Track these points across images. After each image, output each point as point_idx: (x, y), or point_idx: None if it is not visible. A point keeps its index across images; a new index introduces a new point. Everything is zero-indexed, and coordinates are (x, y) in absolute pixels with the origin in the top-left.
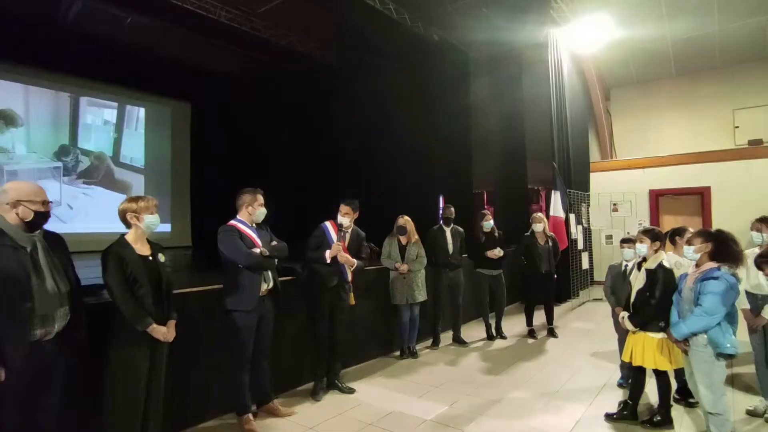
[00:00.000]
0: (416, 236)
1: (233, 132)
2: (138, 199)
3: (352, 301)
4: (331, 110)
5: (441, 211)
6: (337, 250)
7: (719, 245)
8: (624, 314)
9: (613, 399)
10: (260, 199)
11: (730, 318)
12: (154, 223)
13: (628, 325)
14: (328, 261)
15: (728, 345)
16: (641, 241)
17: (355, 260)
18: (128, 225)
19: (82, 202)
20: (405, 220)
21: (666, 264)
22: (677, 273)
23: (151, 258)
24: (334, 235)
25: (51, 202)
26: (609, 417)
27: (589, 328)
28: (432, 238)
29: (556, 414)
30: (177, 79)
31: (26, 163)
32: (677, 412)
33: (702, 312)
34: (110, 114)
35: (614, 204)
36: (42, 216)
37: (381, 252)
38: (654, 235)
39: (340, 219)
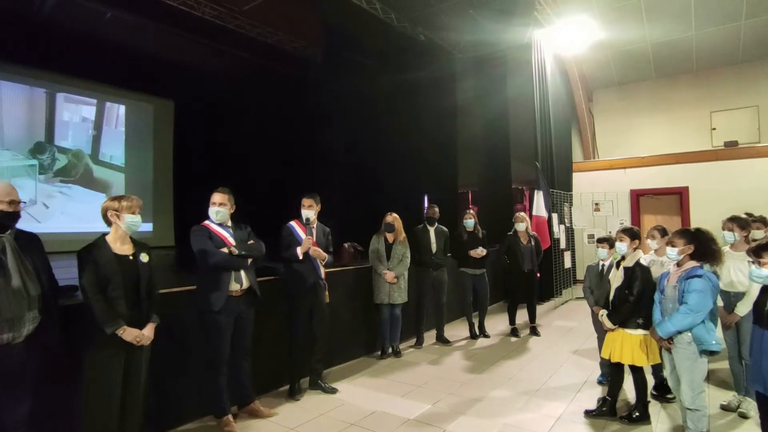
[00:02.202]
0: (403, 235)
1: (217, 130)
2: (121, 198)
3: (328, 299)
4: (317, 110)
5: (425, 211)
6: (308, 245)
7: (701, 245)
8: (603, 312)
9: (593, 396)
10: (214, 197)
11: (712, 315)
12: (134, 223)
13: (607, 323)
14: (301, 257)
15: (713, 342)
16: (621, 240)
17: (325, 254)
18: (109, 223)
19: (59, 201)
20: (393, 218)
21: (643, 262)
22: (654, 271)
23: (131, 258)
24: (301, 233)
25: (22, 202)
26: (588, 413)
27: (571, 327)
28: (416, 238)
29: (536, 411)
30: (160, 77)
31: (0, 161)
32: (654, 407)
33: (687, 310)
34: (89, 111)
35: (596, 204)
36: (8, 216)
37: (365, 251)
38: (632, 233)
39: (305, 213)
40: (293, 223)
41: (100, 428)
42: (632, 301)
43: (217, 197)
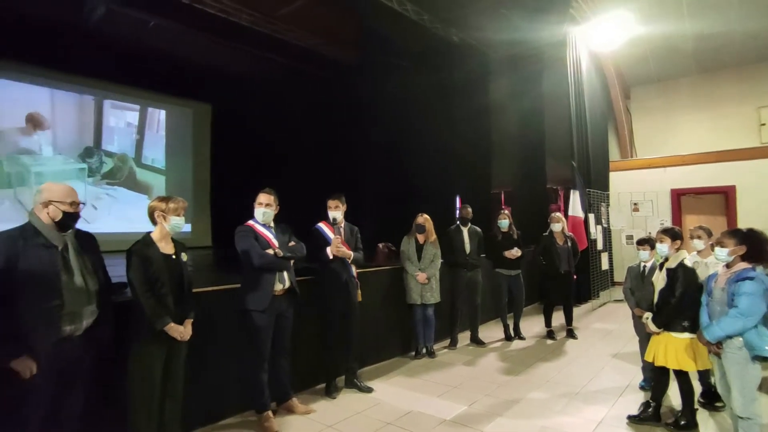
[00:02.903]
0: (434, 236)
1: (254, 133)
2: (168, 200)
3: (360, 298)
4: (352, 112)
5: (458, 211)
6: (336, 245)
7: (753, 246)
8: (647, 315)
9: (636, 401)
10: (259, 198)
11: (765, 320)
12: (179, 224)
13: (651, 327)
14: (331, 257)
15: (766, 347)
16: (661, 241)
17: (350, 252)
18: (154, 223)
19: (106, 202)
20: (424, 219)
21: (687, 263)
22: (701, 272)
23: (174, 257)
24: (329, 233)
25: (81, 203)
26: (632, 418)
27: (610, 330)
28: (449, 238)
29: (576, 415)
30: (198, 82)
31: (52, 165)
32: (702, 415)
33: (738, 313)
34: (132, 116)
35: (635, 204)
36: (70, 217)
37: (399, 251)
38: (673, 234)
39: (332, 214)
40: (321, 225)
41: (144, 419)
42: (673, 303)
43: (263, 198)
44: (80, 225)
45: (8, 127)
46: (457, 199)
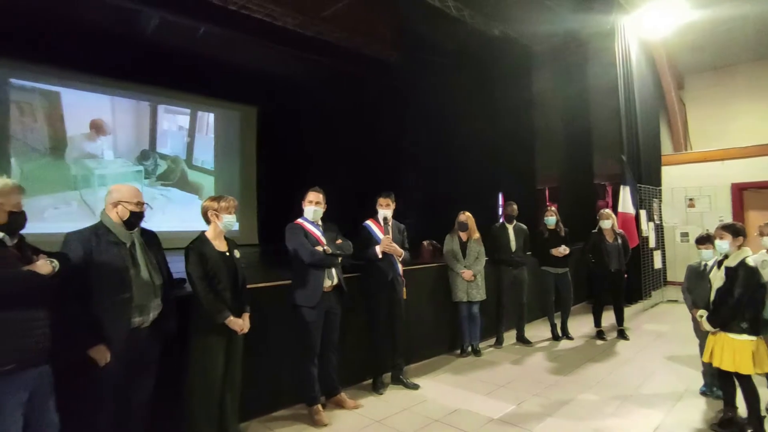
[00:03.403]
0: (477, 233)
1: (298, 134)
2: (220, 199)
3: (405, 296)
4: (394, 110)
5: (502, 208)
6: (387, 243)
7: None
8: (702, 313)
9: (697, 407)
10: (310, 196)
11: None
12: (231, 222)
13: (706, 326)
14: (380, 256)
15: None
16: (721, 238)
17: (401, 250)
18: (208, 221)
19: (160, 202)
20: (466, 216)
21: (750, 262)
22: (766, 274)
23: (228, 254)
24: (378, 231)
25: (145, 203)
26: (714, 427)
27: (664, 331)
28: (494, 236)
29: (629, 419)
30: (244, 85)
31: (113, 168)
32: None
33: None
34: (184, 120)
35: (690, 199)
36: (137, 216)
37: (442, 249)
38: (735, 230)
39: (383, 212)
40: (369, 222)
41: (204, 410)
42: (731, 304)
43: (313, 196)
44: None
45: (75, 134)
46: (500, 197)
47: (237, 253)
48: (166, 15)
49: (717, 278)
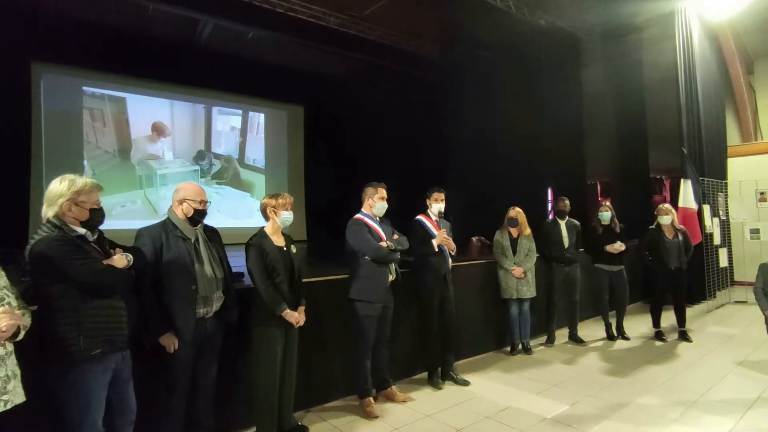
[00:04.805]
0: (528, 229)
1: (343, 132)
2: (277, 196)
3: (451, 289)
4: (438, 106)
5: (553, 204)
6: (443, 237)
7: None
8: None
9: None
10: (381, 192)
11: None
12: (288, 218)
13: None
14: (436, 250)
15: None
16: None
17: (454, 244)
18: (267, 218)
19: (215, 200)
20: (516, 212)
21: None
22: None
23: (285, 249)
24: (431, 226)
25: (208, 201)
26: None
27: (732, 334)
28: (546, 232)
29: (695, 425)
30: (292, 85)
31: (173, 168)
32: None
33: None
34: (236, 120)
35: (761, 193)
36: (200, 213)
37: (492, 245)
38: None
39: (438, 206)
40: (421, 218)
41: (266, 396)
42: None
43: (383, 192)
44: None
45: (140, 136)
46: (549, 191)
47: (293, 249)
48: (219, 21)
49: None
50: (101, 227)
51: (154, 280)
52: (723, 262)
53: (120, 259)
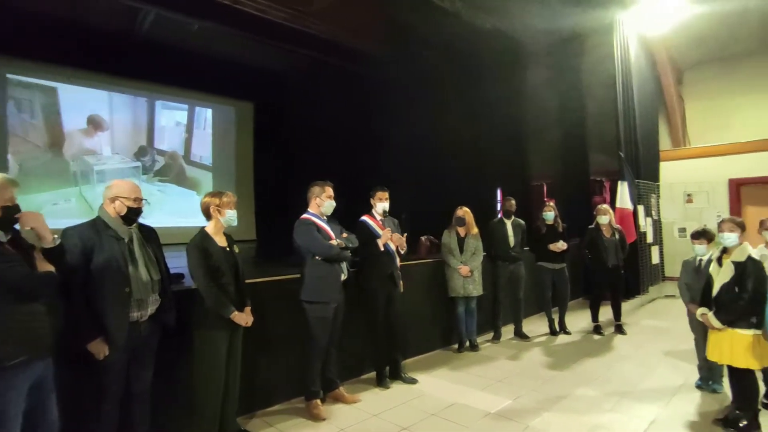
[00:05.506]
0: (475, 229)
1: (292, 129)
2: (221, 194)
3: (401, 289)
4: (385, 105)
5: (500, 204)
6: (388, 236)
7: None
8: (703, 310)
9: (692, 401)
10: (328, 191)
11: None
12: (232, 217)
13: (714, 323)
14: (382, 249)
15: None
16: (731, 230)
17: (402, 238)
18: (209, 217)
19: (158, 198)
20: (464, 211)
21: (755, 256)
22: (766, 266)
23: (228, 249)
24: (375, 226)
25: (144, 199)
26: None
27: (662, 326)
28: (492, 231)
29: (627, 413)
30: (240, 80)
31: (111, 164)
32: (766, 417)
33: None
34: (181, 115)
35: (688, 195)
36: (134, 211)
37: (440, 244)
38: (743, 225)
39: (383, 205)
40: (366, 218)
41: (208, 399)
42: (747, 299)
43: (331, 191)
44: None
45: (73, 129)
46: (498, 192)
47: (237, 249)
48: (161, 11)
49: (721, 273)
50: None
51: (83, 283)
52: (655, 259)
53: (46, 264)
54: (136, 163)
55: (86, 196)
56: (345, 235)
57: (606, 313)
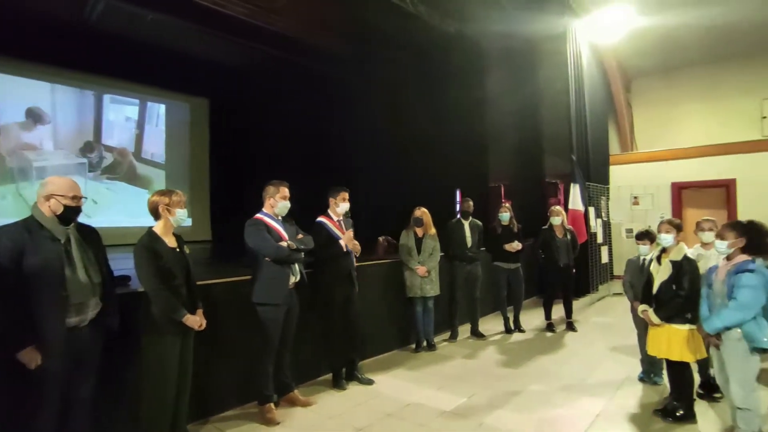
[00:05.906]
0: (433, 229)
1: (250, 127)
2: (171, 193)
3: (356, 288)
4: (346, 105)
5: (459, 205)
6: (349, 238)
7: (753, 238)
8: (645, 307)
9: (635, 393)
10: (283, 191)
11: (765, 312)
12: (183, 217)
13: (654, 319)
14: (345, 250)
15: (765, 339)
16: (668, 232)
17: (359, 246)
18: (157, 217)
19: (106, 197)
20: (422, 212)
21: (690, 255)
22: (701, 265)
23: (178, 250)
24: (332, 227)
25: (83, 197)
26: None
27: (609, 323)
28: (450, 231)
29: (575, 407)
30: (195, 76)
31: (54, 160)
32: (701, 407)
33: (737, 305)
34: (132, 111)
35: (635, 197)
36: (72, 210)
37: (398, 245)
38: (678, 226)
39: (344, 206)
40: (323, 219)
41: (158, 405)
42: (683, 296)
43: (286, 191)
44: (81, 219)
45: (10, 122)
46: (458, 193)
47: (187, 249)
48: (112, 0)
49: (660, 272)
50: None
51: (15, 287)
52: (604, 258)
53: None
54: (81, 160)
55: (24, 194)
56: (300, 236)
57: (558, 311)
